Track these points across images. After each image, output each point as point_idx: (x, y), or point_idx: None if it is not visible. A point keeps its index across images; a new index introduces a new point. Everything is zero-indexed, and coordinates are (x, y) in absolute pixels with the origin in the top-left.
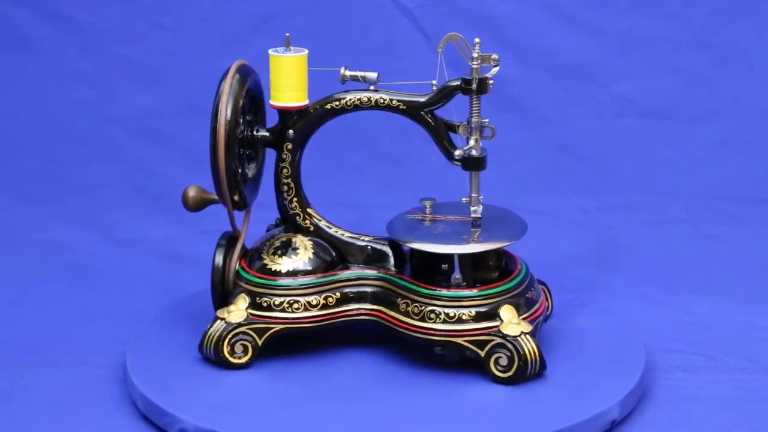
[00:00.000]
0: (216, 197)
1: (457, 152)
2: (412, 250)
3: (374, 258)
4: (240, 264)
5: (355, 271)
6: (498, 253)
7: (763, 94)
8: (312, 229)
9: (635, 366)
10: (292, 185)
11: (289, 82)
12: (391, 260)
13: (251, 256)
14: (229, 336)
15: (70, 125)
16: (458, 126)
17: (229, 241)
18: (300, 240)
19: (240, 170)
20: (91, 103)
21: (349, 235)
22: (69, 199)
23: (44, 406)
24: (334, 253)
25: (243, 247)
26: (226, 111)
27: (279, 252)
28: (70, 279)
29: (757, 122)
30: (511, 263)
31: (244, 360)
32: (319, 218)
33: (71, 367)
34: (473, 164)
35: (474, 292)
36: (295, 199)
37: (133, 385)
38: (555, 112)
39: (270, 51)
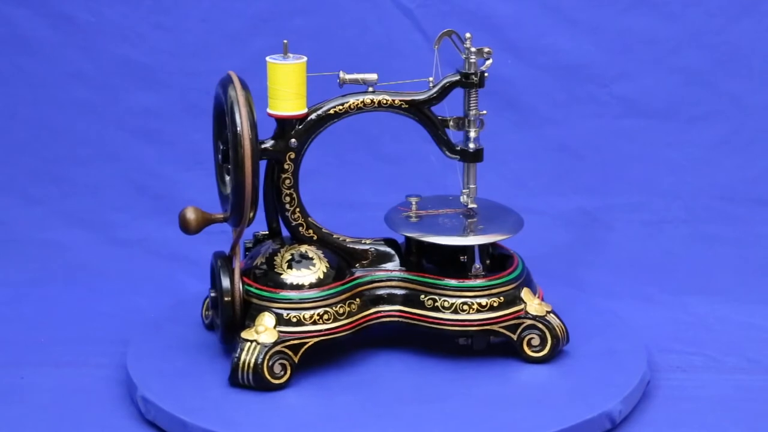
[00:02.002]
0: (218, 216)
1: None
2: (410, 245)
3: (379, 260)
4: (247, 282)
5: (369, 275)
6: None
7: (763, 94)
8: (315, 238)
9: (635, 366)
10: (294, 196)
11: (291, 90)
12: (396, 259)
13: (256, 273)
14: (267, 358)
15: (70, 125)
16: (449, 120)
17: (226, 261)
18: (310, 250)
19: None
20: (91, 103)
21: (351, 240)
22: (69, 199)
23: (44, 406)
24: (341, 260)
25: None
26: (248, 126)
27: (295, 265)
28: (70, 279)
29: (757, 122)
30: (500, 250)
31: (284, 379)
32: (319, 226)
33: (71, 367)
34: (475, 156)
35: (499, 279)
36: (298, 209)
37: (176, 418)
38: (555, 112)
39: (268, 58)
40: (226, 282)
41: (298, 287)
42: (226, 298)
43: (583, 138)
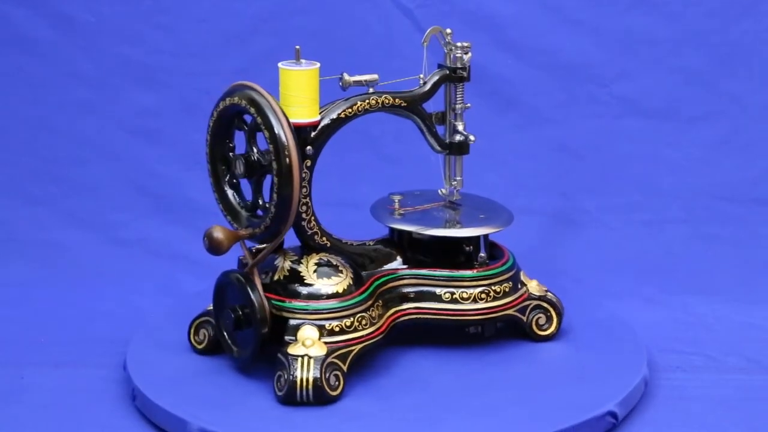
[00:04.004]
0: (245, 232)
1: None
2: (403, 242)
3: (384, 260)
4: (272, 297)
5: (382, 276)
6: None
7: (763, 94)
8: (329, 245)
9: (635, 366)
10: (309, 204)
11: (307, 96)
12: (399, 258)
13: (279, 287)
14: (324, 371)
15: (70, 125)
16: (434, 115)
17: (245, 276)
18: (331, 258)
19: None
20: (91, 103)
21: (357, 243)
22: (69, 199)
23: (44, 406)
24: (355, 264)
25: None
26: (291, 134)
27: (322, 274)
28: (70, 279)
29: (757, 122)
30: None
31: (340, 390)
32: (330, 233)
33: (71, 367)
34: (464, 149)
35: (504, 265)
36: (313, 218)
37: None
38: (555, 112)
39: (280, 65)
40: (257, 299)
41: (334, 296)
42: (260, 316)
43: (583, 138)
